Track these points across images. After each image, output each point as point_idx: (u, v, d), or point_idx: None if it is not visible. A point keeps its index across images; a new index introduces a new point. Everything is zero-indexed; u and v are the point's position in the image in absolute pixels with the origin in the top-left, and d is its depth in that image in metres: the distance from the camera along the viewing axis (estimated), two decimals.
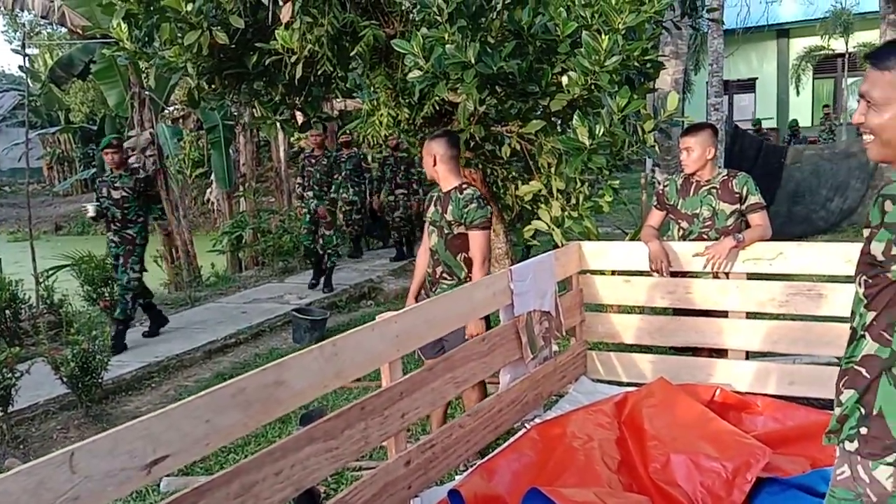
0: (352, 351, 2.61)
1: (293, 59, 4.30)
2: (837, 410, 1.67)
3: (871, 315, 1.60)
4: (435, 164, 3.73)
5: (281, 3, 4.37)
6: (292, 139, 10.95)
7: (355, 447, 2.60)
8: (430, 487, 3.12)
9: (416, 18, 4.22)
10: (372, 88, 5.25)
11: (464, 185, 3.78)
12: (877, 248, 1.53)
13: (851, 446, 1.63)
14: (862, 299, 1.63)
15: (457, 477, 3.35)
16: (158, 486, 3.73)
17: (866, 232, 1.58)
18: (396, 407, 2.82)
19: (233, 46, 4.38)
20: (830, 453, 3.10)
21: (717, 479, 3.11)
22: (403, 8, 4.88)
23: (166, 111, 12.44)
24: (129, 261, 6.28)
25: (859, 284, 1.64)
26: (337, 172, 8.41)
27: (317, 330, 6.23)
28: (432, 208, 3.83)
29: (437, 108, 4.92)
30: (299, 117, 5.94)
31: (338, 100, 10.51)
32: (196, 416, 2.00)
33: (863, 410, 1.62)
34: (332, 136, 12.25)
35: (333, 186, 8.29)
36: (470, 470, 3.30)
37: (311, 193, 8.17)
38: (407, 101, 5.08)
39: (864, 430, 1.61)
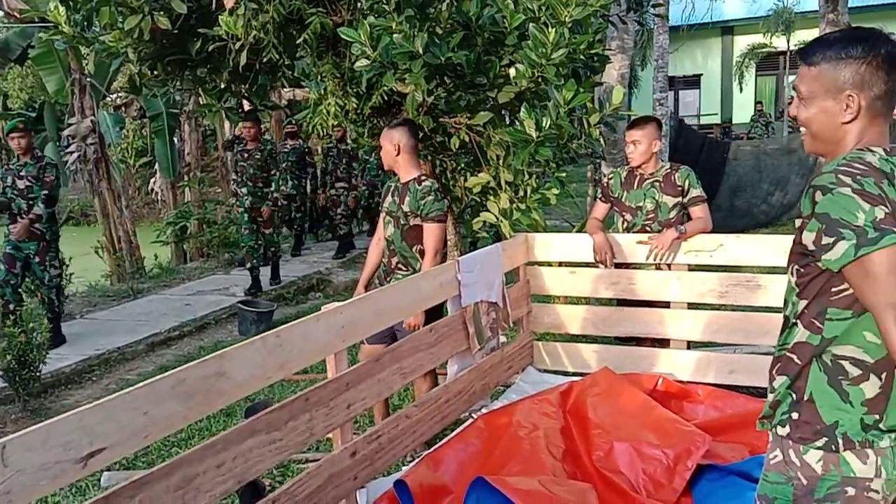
0: (296, 342, 2.58)
1: (238, 45, 4.23)
2: (770, 396, 1.72)
3: (802, 303, 1.64)
4: (398, 154, 3.70)
5: None
6: (236, 128, 10.73)
7: (300, 439, 2.58)
8: (376, 478, 3.11)
9: (364, 7, 4.18)
10: (319, 77, 5.18)
11: (422, 177, 3.78)
12: (808, 238, 1.57)
13: (783, 431, 1.67)
14: (794, 288, 1.67)
15: (403, 468, 3.36)
16: (100, 481, 3.65)
17: (798, 222, 1.62)
18: (342, 398, 2.80)
19: (175, 32, 4.29)
20: (767, 440, 3.20)
21: (659, 466, 3.17)
22: None
23: (108, 98, 12.12)
24: (45, 258, 5.94)
25: (791, 273, 1.68)
26: (274, 166, 7.99)
27: (263, 322, 6.16)
28: (389, 198, 3.82)
29: (386, 98, 4.89)
30: (246, 105, 5.86)
31: (286, 89, 10.36)
32: (134, 408, 1.96)
33: (794, 396, 1.66)
34: (278, 126, 12.08)
35: (272, 182, 7.98)
36: (416, 460, 3.31)
37: (244, 190, 7.64)
38: (355, 90, 5.03)
39: (795, 416, 1.65)
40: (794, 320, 1.67)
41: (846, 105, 1.60)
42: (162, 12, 4.08)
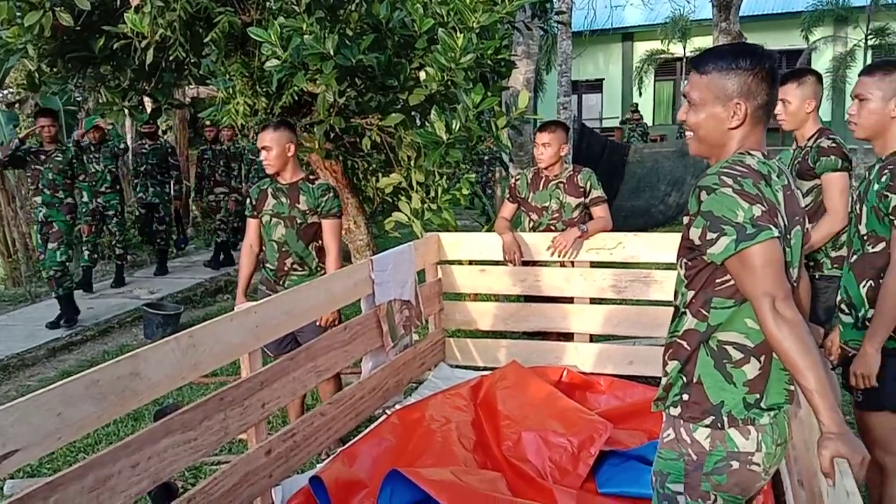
0: (210, 342, 2.59)
1: (143, 43, 4.15)
2: (663, 380, 1.86)
3: (690, 294, 1.79)
4: (291, 155, 3.70)
5: None
6: (140, 126, 10.34)
7: (214, 438, 2.58)
8: (290, 476, 3.14)
9: (273, 7, 4.18)
10: (227, 76, 5.13)
11: (312, 176, 3.81)
12: (694, 234, 1.72)
13: (675, 411, 1.82)
14: (683, 280, 1.82)
15: (318, 465, 3.39)
16: (2, 489, 3.52)
17: (686, 219, 1.77)
18: (256, 397, 2.82)
19: (77, 28, 4.16)
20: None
21: (564, 453, 3.33)
22: None
23: (0, 95, 11.51)
24: None
25: (680, 266, 1.83)
26: (81, 170, 6.95)
27: (170, 325, 6.03)
28: (272, 200, 3.72)
29: (296, 97, 4.89)
30: (148, 104, 5.72)
31: (190, 86, 10.10)
32: (47, 409, 1.94)
33: (684, 379, 1.81)
34: (183, 125, 11.74)
35: (83, 187, 7.26)
36: (331, 457, 3.35)
37: (39, 199, 6.38)
38: (264, 90, 5.01)
39: (685, 397, 1.80)
40: (683, 309, 1.82)
41: (733, 112, 1.75)
42: (64, 8, 3.95)
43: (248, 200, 3.88)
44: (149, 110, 5.46)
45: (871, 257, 2.50)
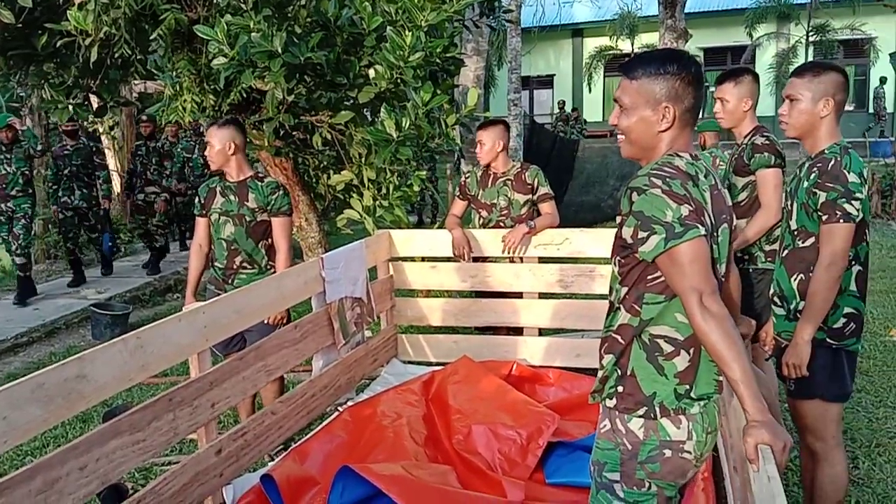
0: (158, 343, 2.59)
1: (88, 41, 4.09)
2: (600, 373, 1.94)
3: (624, 290, 1.87)
4: (233, 153, 3.68)
5: None
6: (87, 124, 10.10)
7: (163, 439, 2.59)
8: (241, 475, 3.15)
9: (221, 4, 4.15)
10: (175, 73, 5.07)
11: (260, 174, 3.82)
12: (627, 233, 1.80)
13: (611, 403, 1.90)
14: (617, 277, 1.90)
15: (269, 463, 3.40)
16: None
17: (619, 219, 1.84)
18: (206, 397, 2.83)
19: (20, 26, 4.09)
20: None
21: (514, 445, 3.40)
22: None
23: None
24: None
25: (614, 264, 1.91)
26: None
27: (118, 326, 5.95)
28: (221, 199, 3.71)
29: (245, 95, 4.87)
30: (94, 101, 5.62)
31: (137, 82, 9.91)
32: None
33: (619, 372, 1.89)
34: (131, 122, 11.52)
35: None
36: (283, 455, 3.37)
37: None
38: (212, 87, 4.97)
39: (620, 389, 1.88)
40: (617, 305, 1.89)
41: (663, 115, 1.82)
42: (5, 5, 3.88)
43: (196, 199, 3.85)
44: (94, 108, 5.34)
45: (802, 252, 2.61)
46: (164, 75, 5.21)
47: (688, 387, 1.83)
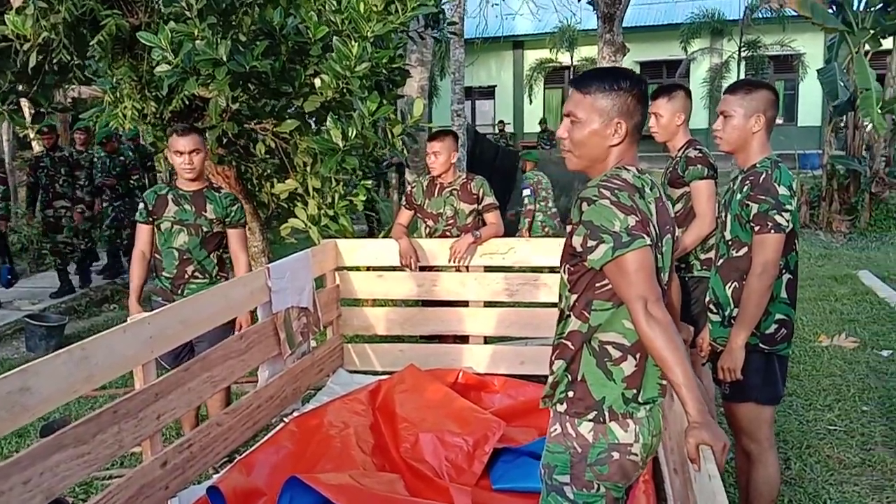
0: (103, 354, 2.54)
1: (26, 46, 3.99)
2: (550, 378, 1.99)
3: (573, 297, 1.93)
4: (205, 159, 3.69)
5: None
6: (19, 131, 9.74)
7: (108, 452, 2.54)
8: (187, 487, 3.11)
9: (165, 12, 4.10)
10: (115, 79, 4.98)
11: (215, 185, 3.80)
12: (576, 242, 1.86)
13: (562, 408, 1.95)
14: (566, 284, 1.96)
15: (214, 476, 3.36)
16: None
17: (569, 228, 1.90)
18: (151, 409, 2.79)
19: None
20: None
21: (460, 452, 3.45)
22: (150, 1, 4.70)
23: None
24: None
25: (564, 272, 1.97)
26: None
27: (54, 337, 5.78)
28: (174, 207, 3.66)
29: (187, 102, 4.81)
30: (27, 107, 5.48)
31: (71, 87, 9.64)
32: None
33: (570, 377, 1.95)
34: (66, 128, 11.19)
35: None
36: (228, 466, 3.33)
37: None
38: (154, 94, 4.90)
39: (570, 394, 1.94)
40: (567, 312, 1.95)
41: (615, 130, 1.89)
42: None
43: (140, 205, 3.74)
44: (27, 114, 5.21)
45: (736, 261, 2.73)
46: (102, 81, 5.10)
47: (635, 391, 1.89)
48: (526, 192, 8.21)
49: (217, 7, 4.26)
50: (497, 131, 20.38)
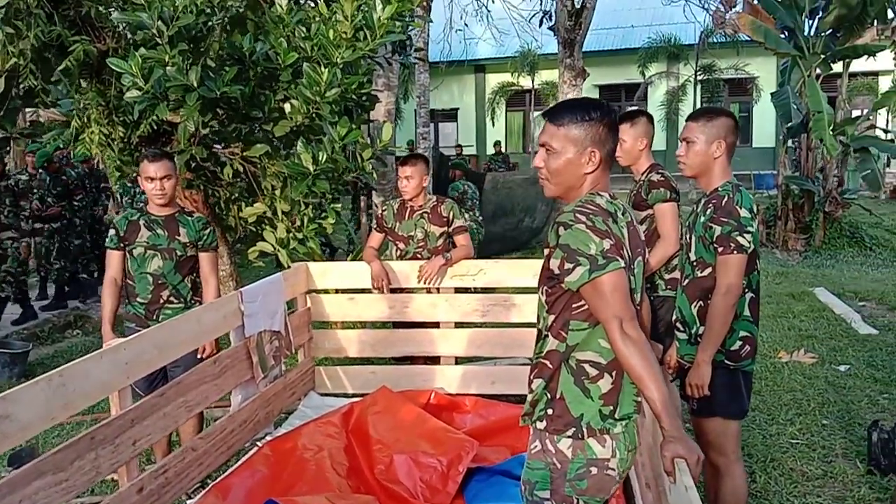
0: (80, 380, 2.54)
1: None
2: (530, 397, 2.06)
3: (551, 318, 2.00)
4: (176, 185, 3.73)
5: None
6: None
7: (86, 478, 2.53)
8: None
9: (136, 38, 4.12)
10: (81, 104, 4.96)
11: (186, 210, 3.82)
12: (554, 264, 1.93)
13: (541, 425, 2.01)
14: (544, 305, 2.03)
15: (188, 502, 3.35)
16: None
17: (546, 251, 1.98)
18: (127, 434, 2.78)
19: None
20: (525, 441, 3.62)
21: (434, 472, 3.47)
22: (116, 25, 4.71)
23: None
24: None
25: (542, 293, 2.04)
26: None
27: (17, 365, 5.68)
28: (147, 232, 3.67)
29: (155, 127, 4.81)
30: None
31: (28, 111, 9.47)
32: None
33: (549, 395, 2.01)
34: (23, 153, 10.99)
35: None
36: (204, 491, 3.32)
37: None
38: (122, 118, 4.90)
39: (550, 411, 2.00)
40: (545, 332, 2.02)
41: (589, 159, 1.98)
42: None
43: (112, 231, 3.72)
44: None
45: (700, 281, 2.83)
46: (64, 103, 5.05)
47: (612, 408, 1.97)
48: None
49: (187, 34, 4.29)
50: (455, 154, 20.56)
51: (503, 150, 19.80)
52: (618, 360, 1.90)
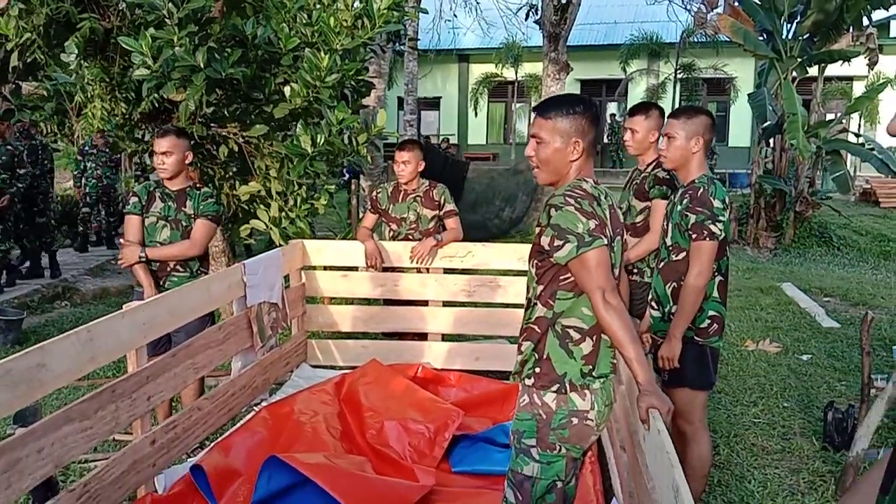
0: (105, 337, 2.75)
1: (9, 45, 4.13)
2: (519, 357, 2.31)
3: (540, 288, 2.25)
4: (188, 162, 3.93)
5: None
6: None
7: (107, 427, 2.75)
8: (170, 466, 3.31)
9: (147, 18, 4.28)
10: (85, 80, 5.11)
11: (197, 184, 4.01)
12: (545, 241, 2.18)
13: (529, 382, 2.27)
14: (534, 277, 2.28)
15: (188, 460, 3.56)
16: None
17: (538, 229, 2.24)
18: (143, 390, 3.00)
19: None
20: (506, 413, 3.86)
21: (422, 438, 3.72)
22: (121, 5, 4.86)
23: None
24: None
25: (532, 266, 2.30)
26: None
27: (11, 331, 5.83)
28: (160, 203, 3.88)
29: (157, 104, 4.97)
30: None
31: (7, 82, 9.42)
32: None
33: (536, 356, 2.26)
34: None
35: None
36: (206, 448, 3.54)
37: None
38: (124, 95, 5.05)
39: (537, 370, 2.25)
40: (534, 301, 2.28)
41: (574, 148, 2.23)
42: None
43: (134, 199, 3.91)
44: None
45: (675, 264, 3.09)
46: (59, 78, 5.14)
47: (591, 367, 2.23)
48: None
49: (194, 16, 4.47)
50: (443, 147, 20.78)
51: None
52: (598, 326, 2.16)
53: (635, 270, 3.84)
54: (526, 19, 12.89)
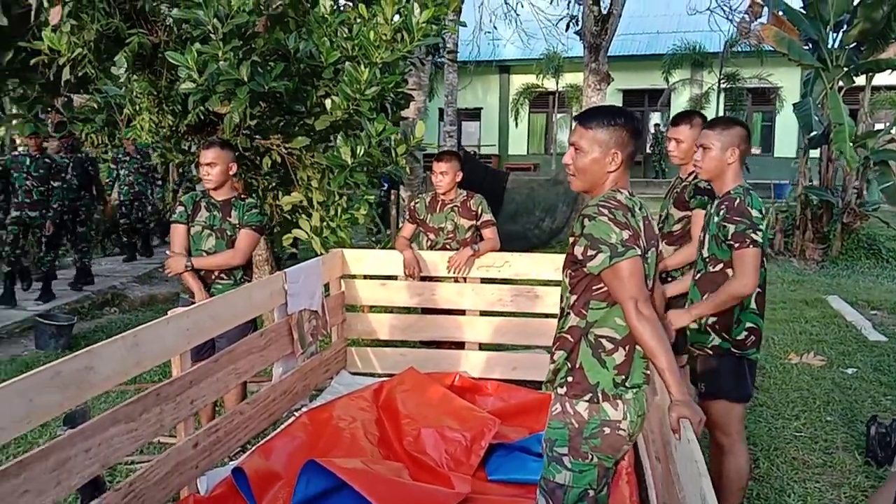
0: (150, 342, 2.85)
1: (62, 60, 4.29)
2: (552, 366, 2.33)
3: (573, 297, 2.27)
4: (232, 174, 4.05)
5: (47, 5, 4.34)
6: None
7: (152, 429, 2.84)
8: (212, 468, 3.39)
9: (193, 34, 4.42)
10: (133, 93, 5.27)
11: (243, 195, 4.12)
12: (578, 251, 2.21)
13: (562, 390, 2.29)
14: (567, 287, 2.31)
15: (230, 463, 3.64)
16: None
17: (571, 239, 2.26)
18: (186, 394, 3.09)
19: None
20: (543, 423, 3.88)
21: (459, 446, 3.76)
22: (168, 20, 5.02)
23: None
24: None
25: (565, 276, 2.32)
26: None
27: (63, 336, 6.02)
28: (205, 212, 4.00)
29: (202, 117, 5.11)
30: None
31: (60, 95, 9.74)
32: (20, 396, 2.17)
33: (569, 365, 2.28)
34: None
35: None
36: (248, 451, 3.62)
37: None
38: (171, 108, 5.21)
39: (570, 379, 2.27)
40: (568, 310, 2.30)
41: (612, 159, 2.25)
42: None
43: (180, 208, 4.04)
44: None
45: (712, 275, 3.08)
46: (108, 90, 5.31)
47: (624, 377, 2.24)
48: None
49: (238, 31, 4.59)
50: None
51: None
52: (631, 336, 2.17)
53: (670, 279, 3.83)
54: (566, 30, 12.89)
